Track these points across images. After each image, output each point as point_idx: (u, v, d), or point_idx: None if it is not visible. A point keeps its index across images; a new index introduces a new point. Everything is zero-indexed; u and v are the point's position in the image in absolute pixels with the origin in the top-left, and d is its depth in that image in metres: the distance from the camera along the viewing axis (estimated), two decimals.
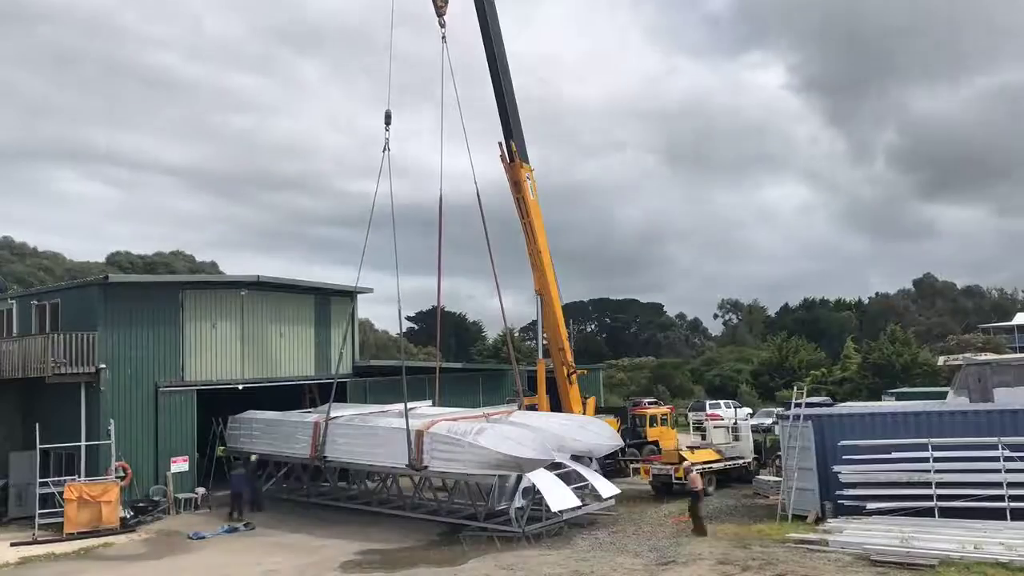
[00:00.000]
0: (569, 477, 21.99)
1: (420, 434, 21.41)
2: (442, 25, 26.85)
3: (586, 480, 22.48)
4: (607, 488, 22.69)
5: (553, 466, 21.47)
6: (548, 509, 20.72)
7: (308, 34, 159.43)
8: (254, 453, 26.64)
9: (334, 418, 24.83)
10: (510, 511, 20.59)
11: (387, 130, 26.13)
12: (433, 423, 22.04)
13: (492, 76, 27.21)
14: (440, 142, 25.63)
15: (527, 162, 27.36)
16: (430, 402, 28.13)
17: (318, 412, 26.81)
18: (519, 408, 27.00)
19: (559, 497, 20.55)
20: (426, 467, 21.42)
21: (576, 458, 23.08)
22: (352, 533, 22.03)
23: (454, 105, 26.60)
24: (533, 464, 20.19)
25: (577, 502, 21.23)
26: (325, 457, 24.38)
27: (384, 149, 25.74)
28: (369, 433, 23.64)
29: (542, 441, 21.02)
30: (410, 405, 26.46)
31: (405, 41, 30.99)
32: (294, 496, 27.20)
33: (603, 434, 24.21)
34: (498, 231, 27.77)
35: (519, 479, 20.61)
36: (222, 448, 28.75)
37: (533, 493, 20.64)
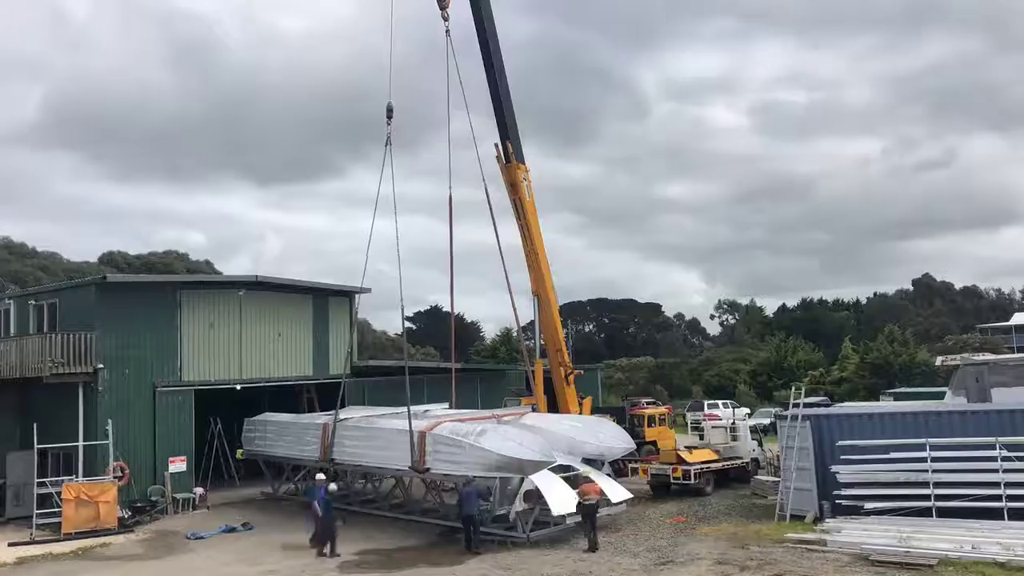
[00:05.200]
0: (577, 480, 21.34)
1: (423, 435, 21.13)
2: (445, 19, 26.68)
3: None
4: (618, 493, 21.99)
5: (561, 469, 21.06)
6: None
7: None
8: (334, 482, 22.12)
9: (342, 420, 24.59)
10: (510, 515, 20.26)
11: (388, 124, 25.76)
12: (437, 424, 21.65)
13: (488, 75, 27.07)
14: (447, 142, 25.49)
15: (523, 162, 27.26)
16: (447, 404, 27.74)
17: (347, 412, 26.36)
18: (534, 410, 26.51)
19: (562, 501, 20.07)
20: (428, 469, 21.17)
21: (589, 461, 22.63)
22: (351, 533, 21.93)
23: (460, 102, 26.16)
24: (535, 466, 19.81)
25: None
26: (333, 459, 24.18)
27: (386, 143, 25.39)
28: (374, 435, 23.41)
29: (545, 443, 20.65)
30: (427, 407, 26.25)
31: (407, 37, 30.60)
32: (294, 498, 27.06)
33: (616, 437, 23.90)
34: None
35: (522, 482, 20.19)
36: (241, 451, 28.70)
37: (537, 497, 20.13)
